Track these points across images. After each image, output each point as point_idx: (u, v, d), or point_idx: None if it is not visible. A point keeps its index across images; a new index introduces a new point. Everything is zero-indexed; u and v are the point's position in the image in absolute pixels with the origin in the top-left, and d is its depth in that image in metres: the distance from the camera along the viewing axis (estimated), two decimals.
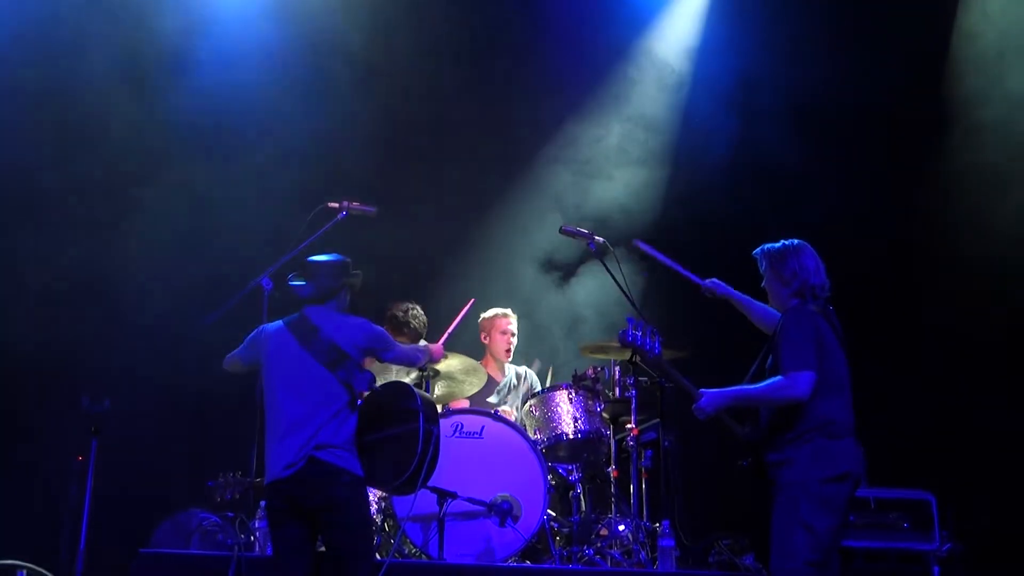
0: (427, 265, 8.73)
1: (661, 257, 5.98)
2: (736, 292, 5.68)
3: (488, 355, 7.73)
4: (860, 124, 8.66)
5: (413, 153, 8.80)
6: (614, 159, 9.04)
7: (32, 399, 7.51)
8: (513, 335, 7.69)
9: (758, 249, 5.40)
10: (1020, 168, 8.09)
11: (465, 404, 7.20)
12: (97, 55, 7.94)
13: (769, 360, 5.20)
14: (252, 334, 5.55)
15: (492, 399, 7.47)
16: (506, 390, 7.61)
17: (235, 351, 5.60)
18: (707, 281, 5.77)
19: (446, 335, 6.74)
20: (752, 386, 5.17)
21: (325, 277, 5.44)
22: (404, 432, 5.30)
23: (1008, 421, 7.72)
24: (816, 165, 8.52)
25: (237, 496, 6.01)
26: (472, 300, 7.12)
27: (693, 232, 8.75)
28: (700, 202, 8.77)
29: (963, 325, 8.02)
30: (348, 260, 5.56)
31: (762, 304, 5.57)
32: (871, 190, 8.60)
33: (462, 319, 6.97)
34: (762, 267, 5.36)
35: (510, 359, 7.69)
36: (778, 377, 5.03)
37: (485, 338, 7.74)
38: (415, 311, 7.40)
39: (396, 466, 5.28)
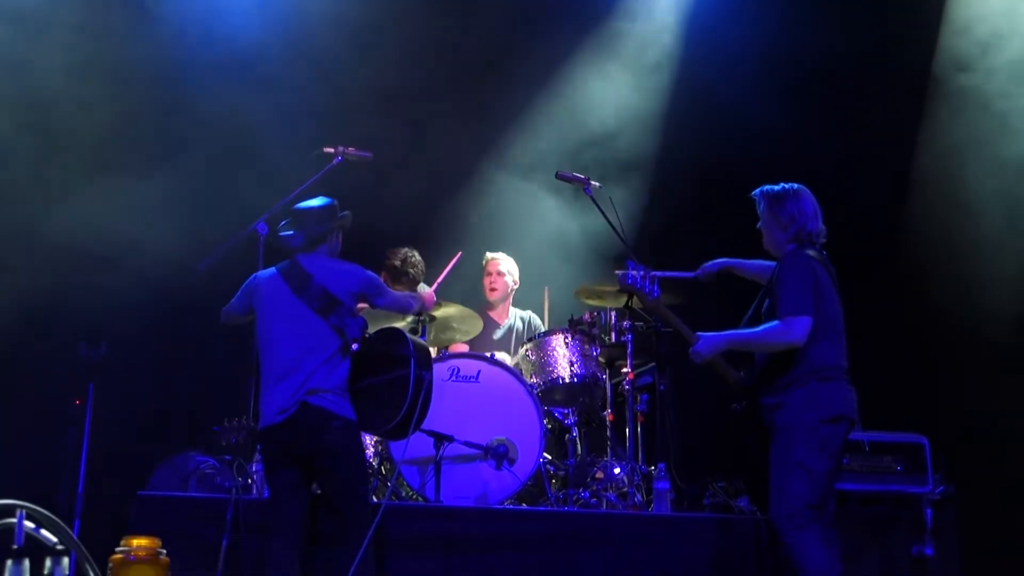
0: (423, 209, 8.70)
1: (654, 273, 5.97)
2: (728, 260, 5.69)
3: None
4: (853, 85, 8.62)
5: (408, 96, 8.73)
6: (611, 103, 8.99)
7: (29, 345, 7.50)
8: (500, 275, 7.69)
9: (757, 190, 5.39)
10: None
11: (465, 348, 7.23)
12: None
13: (766, 304, 5.21)
14: (245, 283, 5.56)
15: (495, 338, 7.52)
16: (505, 332, 7.63)
17: (230, 303, 5.61)
18: (699, 271, 5.78)
19: (436, 284, 6.75)
20: (748, 330, 5.19)
21: (313, 224, 5.44)
22: (396, 378, 5.32)
23: (1001, 363, 7.75)
24: (805, 125, 8.49)
25: (242, 440, 6.03)
26: (460, 253, 7.11)
27: (692, 177, 8.75)
28: (700, 146, 8.73)
29: (954, 274, 8.03)
30: (335, 203, 5.54)
31: (756, 261, 5.58)
32: (863, 151, 8.57)
33: (451, 271, 6.97)
34: (760, 208, 5.35)
35: (498, 299, 7.70)
36: (774, 322, 5.05)
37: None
38: (413, 258, 7.36)
39: (387, 411, 5.31)
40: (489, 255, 7.78)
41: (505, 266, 7.73)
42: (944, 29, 8.52)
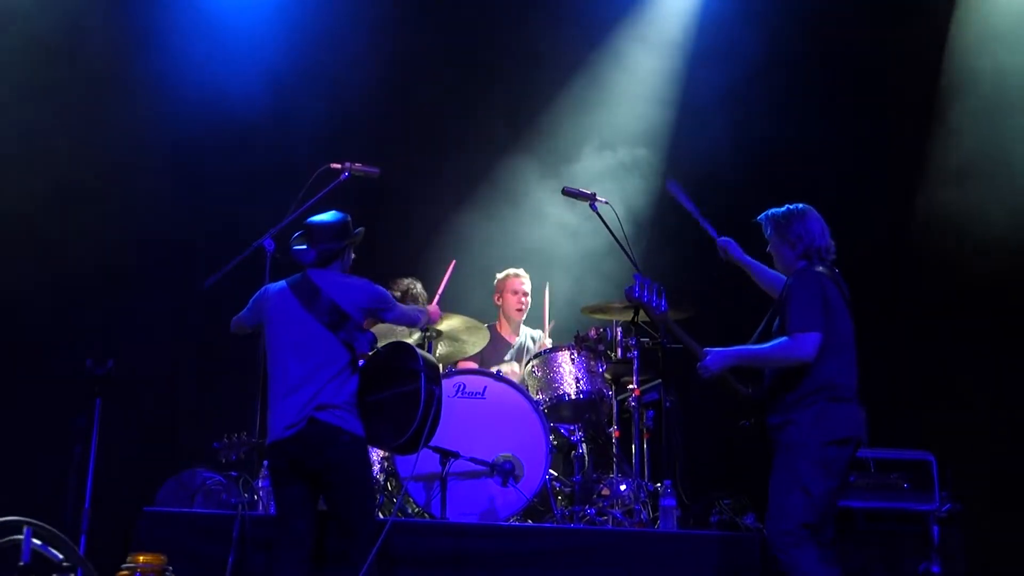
0: (429, 225, 8.71)
1: (688, 204, 5.93)
2: (747, 257, 5.67)
3: (502, 316, 7.75)
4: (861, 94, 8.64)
5: (415, 113, 8.76)
6: (618, 116, 9.00)
7: (36, 361, 7.52)
8: (526, 295, 7.69)
9: (762, 215, 5.39)
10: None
11: (475, 365, 7.22)
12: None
13: (776, 322, 5.20)
14: (256, 295, 5.56)
15: (506, 360, 7.48)
16: (520, 352, 7.62)
17: (240, 313, 5.61)
18: (722, 238, 5.75)
19: (437, 296, 6.74)
20: (758, 346, 5.18)
21: (327, 240, 5.42)
22: (406, 392, 5.31)
23: (1008, 381, 7.73)
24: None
25: (243, 456, 6.03)
26: (453, 261, 7.08)
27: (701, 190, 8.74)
28: (706, 161, 8.73)
29: (962, 287, 8.02)
30: (348, 218, 5.53)
31: (773, 271, 5.56)
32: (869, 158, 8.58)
33: (448, 281, 6.92)
34: (767, 232, 5.36)
35: (523, 319, 7.71)
36: (784, 338, 5.04)
37: (498, 299, 7.74)
38: (415, 289, 7.38)
39: (397, 426, 5.29)
40: (512, 272, 7.74)
41: (529, 284, 7.73)
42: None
